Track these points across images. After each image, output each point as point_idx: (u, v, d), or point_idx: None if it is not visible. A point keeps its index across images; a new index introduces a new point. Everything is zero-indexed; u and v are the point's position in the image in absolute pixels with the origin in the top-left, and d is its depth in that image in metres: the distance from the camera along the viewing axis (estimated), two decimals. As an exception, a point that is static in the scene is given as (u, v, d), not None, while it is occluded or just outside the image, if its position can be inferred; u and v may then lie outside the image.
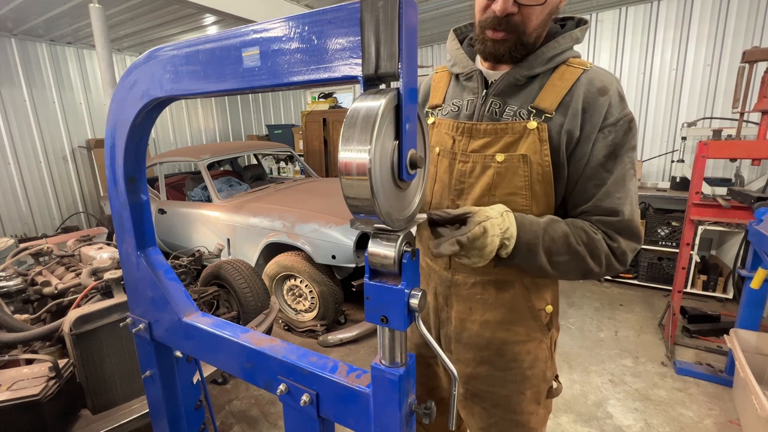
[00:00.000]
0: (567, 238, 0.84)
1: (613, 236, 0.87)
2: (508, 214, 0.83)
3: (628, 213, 0.87)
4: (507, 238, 0.81)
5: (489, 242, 0.78)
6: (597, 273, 0.88)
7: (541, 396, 1.04)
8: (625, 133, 0.86)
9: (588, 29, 0.95)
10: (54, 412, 1.43)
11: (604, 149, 0.86)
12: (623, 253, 0.87)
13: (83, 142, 5.44)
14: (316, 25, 0.56)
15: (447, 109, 1.02)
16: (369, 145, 0.50)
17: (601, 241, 0.86)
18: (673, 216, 3.75)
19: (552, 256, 0.85)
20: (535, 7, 0.82)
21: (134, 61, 0.81)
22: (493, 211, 0.81)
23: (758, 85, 2.59)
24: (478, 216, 0.79)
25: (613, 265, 0.88)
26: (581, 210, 0.90)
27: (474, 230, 0.76)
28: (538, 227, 0.84)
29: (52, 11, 3.96)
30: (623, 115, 0.86)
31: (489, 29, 0.86)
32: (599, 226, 0.87)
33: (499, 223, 0.80)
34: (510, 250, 0.83)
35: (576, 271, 0.87)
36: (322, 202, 3.45)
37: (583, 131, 0.87)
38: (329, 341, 3.08)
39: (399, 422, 0.65)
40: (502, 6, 0.81)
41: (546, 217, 0.87)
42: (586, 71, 0.88)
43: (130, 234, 0.96)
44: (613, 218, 0.86)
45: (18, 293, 1.98)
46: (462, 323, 1.02)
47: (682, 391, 2.51)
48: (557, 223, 0.86)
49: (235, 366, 0.89)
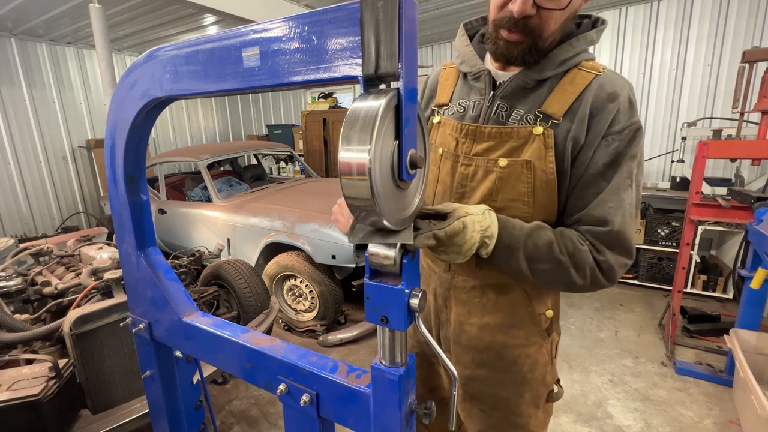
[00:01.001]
0: (551, 246, 0.81)
1: (601, 249, 0.82)
2: (490, 213, 0.81)
3: (618, 224, 0.81)
4: (488, 237, 0.79)
5: (468, 238, 0.76)
6: (581, 286, 0.83)
7: (540, 400, 1.03)
8: (629, 142, 0.82)
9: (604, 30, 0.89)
10: (54, 412, 1.43)
11: (605, 157, 0.83)
12: (610, 267, 0.82)
13: (83, 142, 5.44)
14: (316, 25, 0.56)
15: (453, 109, 1.00)
16: (369, 145, 0.50)
17: (587, 252, 0.81)
18: (673, 216, 3.75)
19: (533, 263, 0.82)
20: (555, 12, 0.78)
21: (134, 61, 0.81)
22: (475, 208, 0.79)
23: (758, 85, 2.59)
24: (458, 212, 0.76)
25: (598, 279, 0.83)
26: (574, 219, 0.87)
27: (453, 225, 0.73)
28: (521, 231, 0.82)
29: (52, 11, 3.96)
30: (630, 123, 0.82)
31: (504, 29, 0.83)
32: (587, 237, 0.83)
33: (480, 221, 0.78)
34: (490, 249, 0.80)
35: (559, 281, 0.84)
36: (322, 202, 3.45)
37: (588, 137, 0.84)
38: (329, 341, 3.08)
39: (399, 422, 0.65)
40: (521, 7, 0.77)
41: (533, 223, 0.84)
42: (599, 76, 0.84)
43: (130, 234, 0.96)
44: (601, 228, 0.82)
45: (18, 293, 1.97)
46: (461, 325, 1.01)
47: (682, 391, 2.51)
48: (543, 230, 0.83)
49: (235, 366, 0.89)
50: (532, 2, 0.77)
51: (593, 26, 0.90)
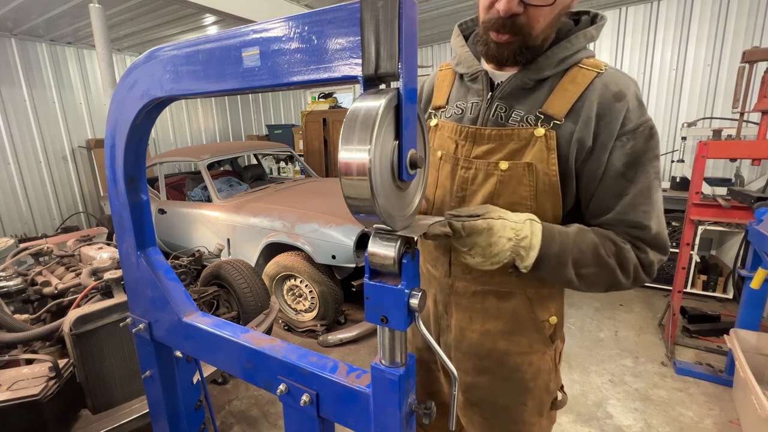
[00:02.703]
0: (596, 249, 0.80)
1: (642, 247, 0.82)
2: (533, 224, 0.78)
3: (656, 227, 0.82)
4: (523, 248, 0.76)
5: (494, 242, 0.73)
6: (624, 285, 0.83)
7: (544, 408, 1.00)
8: (646, 140, 0.80)
9: (604, 26, 0.87)
10: (54, 412, 1.43)
11: (623, 158, 0.81)
12: (651, 263, 0.83)
13: (83, 142, 5.44)
14: (316, 25, 0.56)
15: (450, 111, 0.97)
16: (369, 145, 0.50)
17: (630, 251, 0.81)
18: (673, 216, 3.74)
19: (580, 268, 0.80)
20: (543, 8, 0.76)
21: (134, 61, 0.81)
22: (514, 215, 0.77)
23: (758, 85, 2.59)
24: (490, 213, 0.75)
25: (640, 276, 0.83)
26: (602, 221, 0.85)
27: (477, 222, 0.72)
28: (567, 237, 0.79)
29: (52, 11, 3.96)
30: (642, 121, 0.80)
31: (493, 31, 0.81)
32: (626, 237, 0.83)
33: (516, 228, 0.75)
34: (529, 263, 0.78)
35: (604, 283, 0.83)
36: (322, 202, 3.45)
37: (598, 140, 0.81)
38: (329, 341, 3.08)
39: (399, 422, 0.65)
40: (507, 6, 0.75)
41: (573, 226, 0.83)
42: (601, 74, 0.82)
43: (130, 234, 0.96)
44: (639, 232, 0.82)
45: (18, 293, 1.97)
46: (462, 332, 0.99)
47: (682, 391, 2.51)
48: (586, 233, 0.81)
49: (235, 366, 0.89)
50: (518, 0, 0.75)
51: (592, 22, 0.88)
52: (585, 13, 0.90)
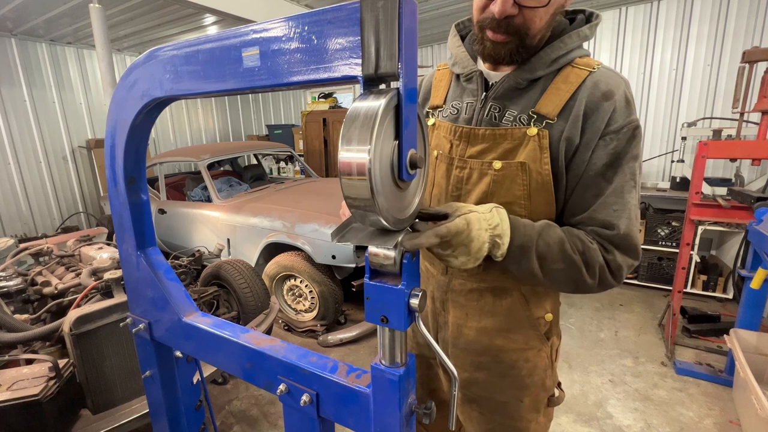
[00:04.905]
0: (563, 244, 0.79)
1: (609, 248, 0.81)
2: (499, 210, 0.78)
3: (625, 227, 0.80)
4: (498, 236, 0.76)
5: (475, 237, 0.72)
6: (590, 285, 0.82)
7: (540, 404, 1.02)
8: (628, 141, 0.80)
9: (598, 25, 0.86)
10: (54, 412, 1.43)
11: (605, 157, 0.81)
12: (618, 267, 0.81)
13: (83, 142, 5.43)
14: (316, 25, 0.56)
15: (447, 111, 0.98)
16: (369, 145, 0.50)
17: (596, 251, 0.80)
18: (673, 216, 3.75)
19: (545, 263, 0.79)
20: (538, 9, 0.76)
21: (134, 61, 0.81)
22: (480, 206, 0.77)
23: (758, 85, 2.59)
24: (460, 210, 0.73)
25: (606, 278, 0.81)
26: (576, 220, 0.85)
27: (456, 222, 0.70)
28: (533, 230, 0.79)
29: (52, 11, 3.95)
30: (628, 122, 0.80)
31: (488, 29, 0.81)
32: (594, 237, 0.82)
33: (487, 218, 0.75)
34: (505, 249, 0.77)
35: (569, 281, 0.82)
36: (322, 202, 3.45)
37: (583, 138, 0.81)
38: (329, 341, 3.08)
39: (399, 422, 0.65)
40: (501, 8, 0.75)
41: (541, 221, 0.82)
42: (593, 73, 0.82)
43: (130, 234, 0.96)
44: (608, 231, 0.80)
45: (18, 293, 1.97)
46: (459, 329, 1.00)
47: (682, 391, 2.51)
48: (552, 228, 0.81)
49: (235, 366, 0.89)
50: (513, 2, 0.75)
51: (588, 21, 0.88)
52: (581, 11, 0.90)
